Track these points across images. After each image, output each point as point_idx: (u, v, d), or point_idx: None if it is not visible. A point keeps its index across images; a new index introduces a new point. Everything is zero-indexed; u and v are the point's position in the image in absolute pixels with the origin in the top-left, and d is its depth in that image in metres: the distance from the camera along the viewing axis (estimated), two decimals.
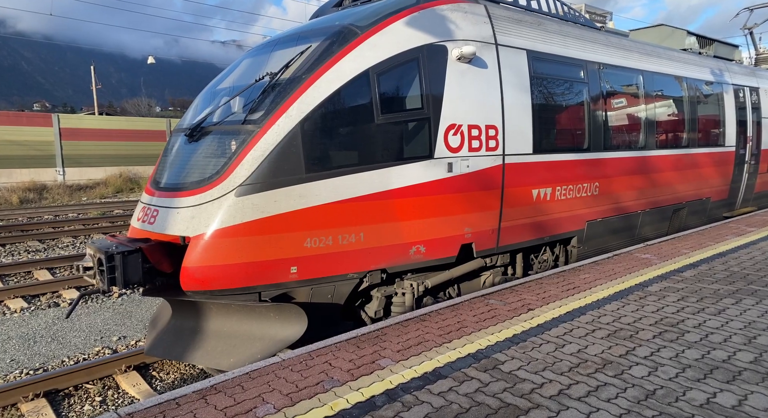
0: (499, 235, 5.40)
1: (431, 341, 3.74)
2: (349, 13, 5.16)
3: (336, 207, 4.19)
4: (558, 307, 4.46)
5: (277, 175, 3.98)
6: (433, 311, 4.43)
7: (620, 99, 7.12)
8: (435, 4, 4.99)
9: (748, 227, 7.91)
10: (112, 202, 17.54)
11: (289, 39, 5.12)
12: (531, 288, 5.08)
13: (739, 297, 4.52)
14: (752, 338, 3.57)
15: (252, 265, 3.96)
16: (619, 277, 5.38)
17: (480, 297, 4.82)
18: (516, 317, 4.23)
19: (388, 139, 4.53)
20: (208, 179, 4.03)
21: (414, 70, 4.67)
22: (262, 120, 4.08)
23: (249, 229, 3.91)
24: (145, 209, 4.39)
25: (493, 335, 3.84)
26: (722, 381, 2.95)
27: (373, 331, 3.96)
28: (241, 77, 5.11)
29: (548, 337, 3.76)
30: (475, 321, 4.16)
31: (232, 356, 4.08)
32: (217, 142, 4.31)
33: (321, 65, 4.27)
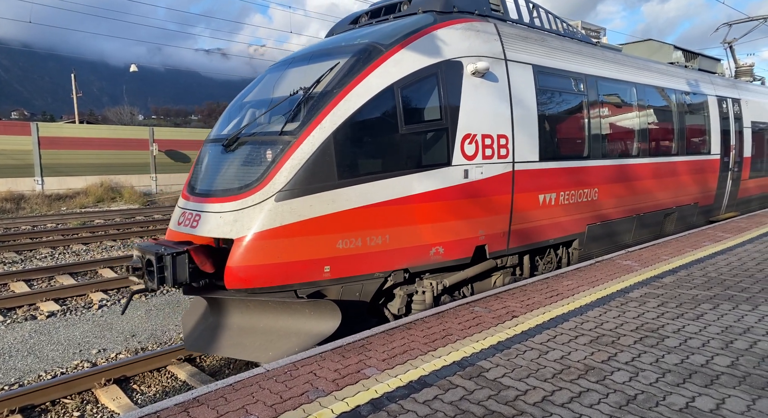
0: (509, 237, 5.71)
1: (416, 349, 3.74)
2: (370, 31, 5.48)
3: (364, 211, 4.48)
4: (542, 313, 4.50)
5: (312, 181, 4.29)
6: (419, 320, 4.44)
7: (616, 110, 7.53)
8: (451, 23, 5.35)
9: (725, 234, 8.11)
10: (92, 212, 17.22)
11: (313, 55, 5.44)
12: (515, 295, 5.13)
13: (716, 302, 4.62)
14: (729, 343, 3.65)
15: (290, 264, 4.24)
16: (602, 283, 5.46)
17: (465, 305, 4.85)
18: (500, 324, 4.26)
19: (411, 148, 4.87)
20: (249, 186, 4.31)
21: (433, 85, 5.01)
22: (299, 131, 4.38)
23: (287, 231, 4.20)
24: (186, 214, 4.62)
25: (477, 342, 3.85)
26: (701, 385, 3.00)
27: (359, 340, 3.95)
28: (270, 91, 5.41)
29: (532, 344, 3.80)
30: (460, 329, 4.17)
31: (270, 350, 4.30)
32: (255, 152, 4.60)
33: (350, 80, 4.59)
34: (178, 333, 6.16)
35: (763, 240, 7.50)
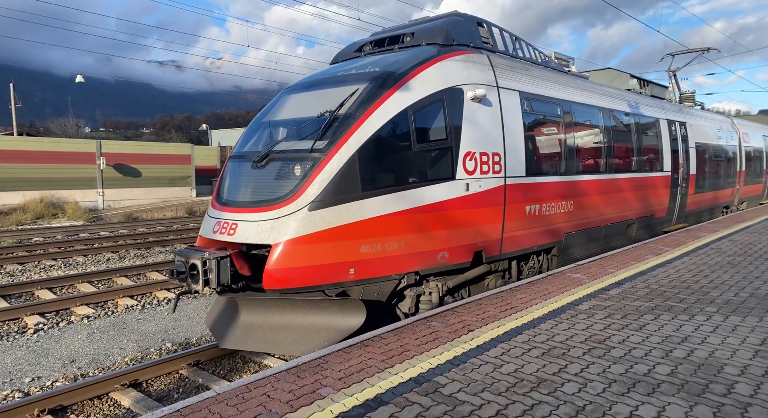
0: (501, 244, 6.38)
1: (374, 366, 3.71)
2: (379, 59, 6.12)
3: (383, 219, 5.04)
4: (496, 327, 4.58)
5: (340, 193, 4.81)
6: (377, 336, 4.41)
7: (587, 131, 8.43)
8: (452, 55, 6.03)
9: (665, 247, 8.60)
10: (30, 230, 16.16)
11: (330, 81, 5.99)
12: (471, 309, 5.20)
13: (657, 313, 4.87)
14: (669, 352, 3.85)
15: (320, 267, 4.74)
16: (553, 296, 5.63)
17: (422, 320, 4.87)
18: (457, 339, 4.30)
19: (422, 164, 5.48)
20: (284, 197, 4.79)
21: (440, 109, 5.64)
22: (327, 149, 4.89)
23: (319, 237, 4.70)
24: (222, 223, 5.02)
25: (434, 357, 3.87)
26: (643, 394, 3.14)
27: (315, 359, 3.88)
28: (290, 112, 6.01)
29: (487, 357, 3.85)
30: (418, 344, 4.18)
31: (301, 345, 4.78)
32: (288, 167, 5.08)
33: (371, 105, 5.17)
34: (123, 357, 5.83)
35: (698, 253, 8.00)
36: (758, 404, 2.96)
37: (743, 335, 4.17)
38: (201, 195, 26.39)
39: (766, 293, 5.49)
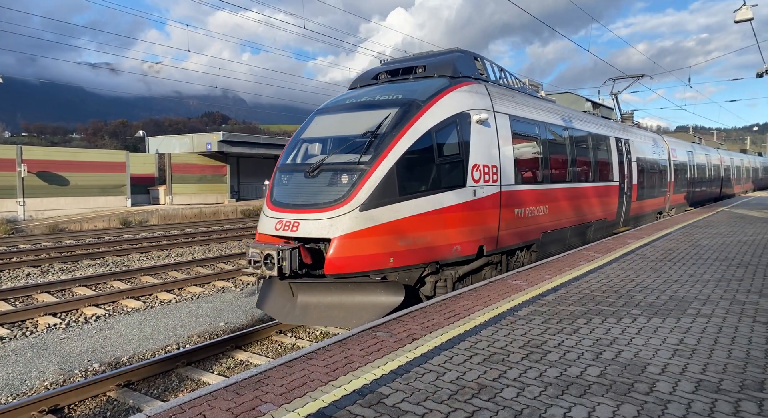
0: (498, 240, 7.62)
1: (317, 380, 3.64)
2: (398, 88, 7.27)
3: (414, 218, 6.22)
4: (440, 335, 4.65)
5: (383, 197, 5.94)
6: (320, 348, 4.34)
7: (558, 147, 9.94)
8: (461, 86, 7.31)
9: (596, 254, 9.12)
10: None
11: (361, 105, 7.13)
12: (416, 318, 5.25)
13: (589, 317, 5.14)
14: (599, 354, 4.07)
15: (369, 256, 5.84)
16: (494, 303, 5.80)
17: (368, 330, 4.85)
18: (401, 348, 4.31)
19: (442, 174, 6.64)
20: (339, 200, 5.85)
21: (454, 129, 6.86)
22: (372, 162, 6.03)
23: (367, 232, 5.80)
24: (283, 222, 6.04)
25: (379, 368, 3.86)
26: (576, 396, 3.29)
27: (255, 374, 3.75)
28: (327, 131, 7.16)
29: (430, 366, 3.89)
30: (362, 355, 4.16)
31: (353, 319, 5.78)
32: (339, 176, 6.12)
33: (403, 126, 6.35)
34: (42, 381, 5.36)
35: (625, 259, 8.55)
36: (676, 400, 3.18)
37: (664, 335, 4.49)
38: (138, 204, 25.01)
39: (683, 295, 5.95)
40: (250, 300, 8.62)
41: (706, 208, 20.36)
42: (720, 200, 26.12)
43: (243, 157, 31.50)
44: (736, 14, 12.24)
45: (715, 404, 3.12)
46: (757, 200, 25.27)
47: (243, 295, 8.99)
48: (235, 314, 7.86)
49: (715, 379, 3.51)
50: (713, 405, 3.11)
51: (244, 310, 8.05)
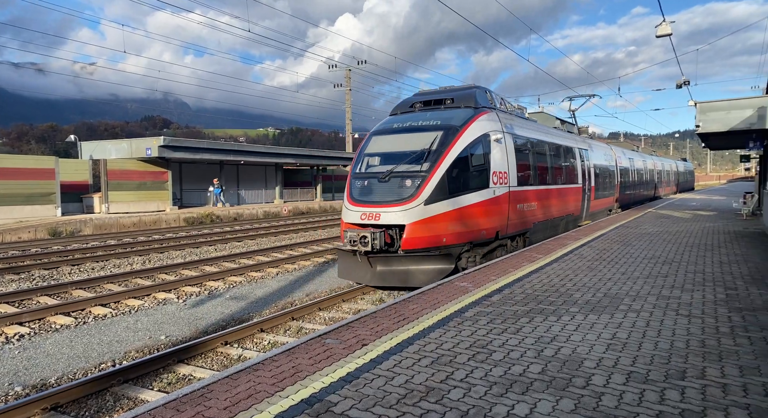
0: (507, 227, 10.32)
1: (263, 391, 3.55)
2: (435, 115, 9.90)
3: (459, 210, 8.80)
4: (390, 339, 4.67)
5: (438, 195, 8.44)
6: (268, 359, 4.24)
7: (542, 157, 12.77)
8: (483, 114, 9.96)
9: (538, 255, 9.53)
10: None
11: (410, 129, 9.66)
12: (366, 323, 5.25)
13: (532, 316, 5.35)
14: (540, 351, 4.24)
15: (430, 237, 8.36)
16: (442, 305, 5.91)
17: (316, 338, 4.79)
18: (351, 355, 4.29)
19: (474, 179, 9.26)
20: (408, 198, 8.34)
21: (480, 146, 9.46)
22: (429, 170, 8.56)
23: (429, 220, 8.30)
24: (367, 214, 8.48)
25: (327, 376, 3.82)
26: (519, 393, 3.41)
27: (198, 389, 3.60)
28: (388, 147, 9.55)
29: (379, 371, 3.90)
30: (311, 364, 4.10)
31: (423, 280, 8.33)
32: (406, 181, 8.59)
33: (448, 145, 8.89)
34: None
35: (564, 259, 8.99)
36: (609, 392, 3.37)
37: (599, 331, 4.75)
38: (69, 214, 23.38)
39: (616, 292, 6.33)
40: (194, 311, 8.27)
41: (636, 209, 21.83)
42: (653, 200, 29.15)
43: (186, 163, 30.30)
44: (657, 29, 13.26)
45: (643, 394, 3.34)
46: (679, 202, 27.39)
47: (186, 306, 8.61)
48: (177, 326, 7.51)
49: (644, 370, 3.75)
50: (642, 395, 3.32)
51: (188, 322, 7.72)
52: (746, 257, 8.86)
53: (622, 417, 3.01)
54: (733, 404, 3.15)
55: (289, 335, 7.04)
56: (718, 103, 13.50)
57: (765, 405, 3.14)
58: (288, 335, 7.04)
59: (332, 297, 8.60)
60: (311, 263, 12.60)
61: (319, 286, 10.19)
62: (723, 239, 11.54)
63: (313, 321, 7.70)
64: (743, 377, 3.57)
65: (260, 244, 16.71)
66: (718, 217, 17.50)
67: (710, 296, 6.02)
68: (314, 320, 7.73)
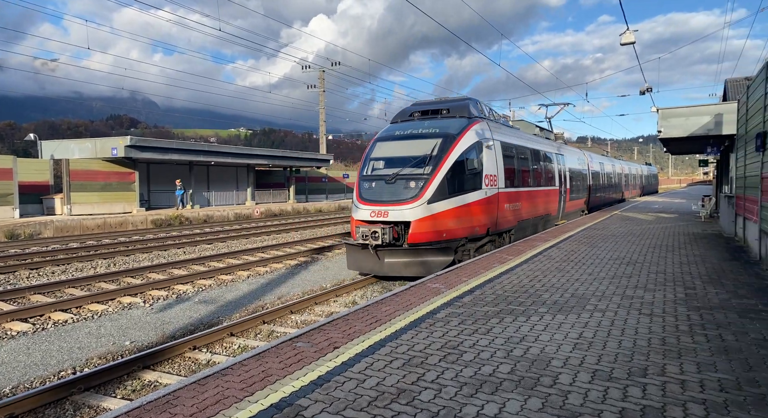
0: (496, 225, 11.48)
1: (232, 396, 3.48)
2: (433, 124, 10.97)
3: (457, 209, 9.82)
4: (362, 342, 4.66)
5: (439, 196, 9.41)
6: (236, 363, 4.16)
7: (526, 161, 13.99)
8: (475, 124, 11.07)
9: (508, 256, 9.69)
10: None
11: (411, 136, 10.75)
12: (338, 326, 5.22)
13: (502, 316, 5.43)
14: (510, 351, 4.31)
15: (432, 232, 9.33)
16: (414, 307, 5.93)
17: (287, 341, 4.74)
18: (322, 358, 4.26)
19: (469, 181, 10.28)
20: (413, 197, 9.34)
21: (474, 152, 10.53)
22: (431, 173, 9.57)
23: (431, 217, 9.30)
24: (375, 211, 9.49)
25: (298, 380, 3.78)
26: (488, 393, 3.45)
27: (163, 396, 3.50)
28: (391, 152, 10.55)
29: (351, 374, 3.88)
30: (281, 367, 4.05)
31: (424, 271, 9.34)
32: (410, 182, 9.59)
33: (447, 150, 9.91)
34: None
35: (534, 260, 9.17)
36: (575, 391, 3.46)
37: (566, 330, 4.86)
38: (28, 215, 22.40)
39: (583, 293, 6.50)
40: (161, 316, 8.05)
41: (602, 212, 22.49)
42: (620, 203, 30.86)
43: (154, 164, 29.48)
44: (621, 37, 13.72)
45: (607, 391, 3.43)
46: (643, 204, 28.37)
47: (153, 310, 8.37)
48: (143, 331, 7.29)
49: (608, 368, 3.86)
50: (606, 392, 3.41)
51: (154, 326, 7.50)
52: (704, 258, 9.25)
53: (587, 415, 3.08)
54: (691, 400, 3.27)
55: (260, 338, 6.93)
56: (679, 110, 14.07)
57: (720, 400, 3.27)
58: (259, 338, 6.93)
59: (304, 300, 8.52)
60: (283, 266, 12.45)
61: (291, 289, 10.08)
62: (683, 240, 12.01)
63: (285, 324, 7.60)
64: (700, 374, 3.72)
65: (231, 246, 16.41)
66: (678, 219, 18.22)
67: (671, 296, 6.25)
68: (286, 324, 7.64)
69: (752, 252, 9.48)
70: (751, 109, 9.87)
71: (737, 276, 7.44)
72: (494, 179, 11.21)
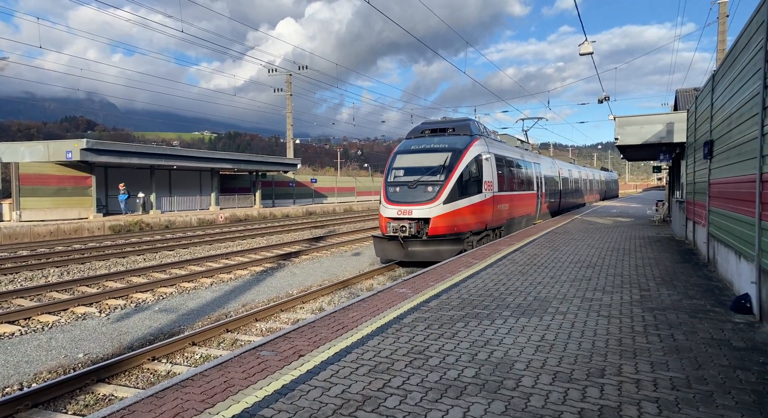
0: (491, 222, 13.83)
1: (191, 409, 3.37)
2: (443, 140, 13.43)
3: (465, 208, 12.35)
4: (327, 349, 4.61)
5: (452, 198, 11.99)
6: (197, 374, 4.04)
7: (511, 169, 16.55)
8: (476, 140, 13.43)
9: (474, 260, 9.83)
10: None
11: (427, 150, 13.18)
12: (304, 333, 5.15)
13: (467, 320, 5.50)
14: (474, 355, 4.36)
15: (446, 226, 11.89)
16: (381, 312, 5.93)
17: (251, 350, 4.64)
18: (287, 366, 4.19)
19: (473, 186, 12.75)
20: (432, 199, 11.87)
21: (476, 163, 12.87)
22: (445, 180, 12.12)
23: (446, 215, 11.86)
24: (401, 210, 11.86)
25: (261, 389, 3.70)
26: (453, 398, 3.48)
27: (117, 411, 3.35)
28: (411, 163, 12.96)
29: (316, 382, 3.83)
30: (244, 377, 3.95)
31: (443, 258, 11.32)
32: (429, 187, 12.08)
33: (457, 161, 12.42)
34: None
35: (498, 264, 9.35)
36: (537, 393, 3.53)
37: (529, 333, 4.97)
38: None
39: (545, 296, 6.66)
40: (118, 326, 7.73)
41: (564, 216, 23.20)
42: (583, 206, 33.58)
43: (113, 168, 28.37)
44: (580, 48, 14.24)
45: (567, 392, 3.52)
46: (602, 209, 29.44)
47: (109, 320, 8.03)
48: (98, 342, 6.98)
49: (568, 370, 3.96)
50: (566, 394, 3.50)
51: (110, 337, 7.19)
52: (658, 261, 9.67)
53: (548, 416, 3.15)
54: (645, 399, 3.40)
55: (223, 347, 6.75)
56: (634, 118, 14.71)
57: (672, 398, 3.42)
58: (222, 348, 6.75)
59: (270, 307, 8.37)
60: (248, 272, 12.21)
61: (256, 296, 9.88)
62: (638, 243, 12.52)
63: (249, 333, 7.44)
64: (653, 373, 3.87)
65: (194, 253, 15.96)
66: (634, 223, 18.99)
67: (627, 298, 6.50)
68: (250, 332, 7.48)
69: (701, 255, 9.98)
70: (699, 118, 10.43)
71: (688, 278, 7.81)
72: (490, 185, 13.72)
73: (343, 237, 20.02)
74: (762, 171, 5.05)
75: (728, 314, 5.62)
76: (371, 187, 55.12)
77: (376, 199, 53.68)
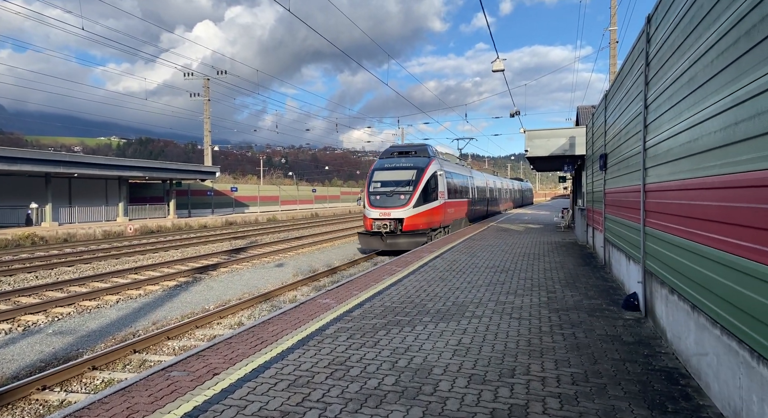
0: (444, 221, 19.14)
1: None
2: (409, 160, 18.56)
3: (428, 211, 17.55)
4: (244, 366, 4.43)
5: (418, 203, 17.12)
6: (95, 402, 3.69)
7: (455, 182, 21.36)
8: (433, 160, 18.65)
9: (397, 268, 10.00)
10: None
11: (397, 167, 18.14)
12: (219, 350, 4.91)
13: (389, 328, 5.56)
14: (395, 363, 4.42)
15: (415, 225, 16.98)
16: (303, 324, 5.81)
17: (160, 371, 4.33)
18: (199, 387, 3.96)
19: (432, 194, 17.80)
20: (404, 203, 16.96)
21: (434, 178, 18.03)
22: (413, 191, 17.18)
23: (415, 216, 16.97)
24: (382, 212, 16.90)
25: (170, 414, 3.46)
26: (373, 407, 3.49)
27: None
28: (386, 177, 17.96)
29: (231, 401, 3.66)
30: (151, 402, 3.67)
31: (413, 248, 15.67)
32: (402, 196, 17.12)
33: (420, 176, 17.51)
34: None
35: (420, 271, 9.59)
36: (453, 396, 3.65)
37: (447, 338, 5.13)
38: None
39: (462, 301, 6.94)
40: (0, 353, 6.84)
41: (480, 223, 24.42)
42: (502, 213, 38.24)
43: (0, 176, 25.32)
44: (493, 65, 15.17)
45: (481, 394, 3.68)
46: (515, 216, 31.38)
47: None
48: None
49: (482, 372, 4.15)
50: (480, 395, 3.66)
51: None
52: (563, 264, 10.47)
53: None
54: (549, 395, 3.65)
55: (129, 370, 6.23)
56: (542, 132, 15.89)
57: (572, 392, 3.70)
58: (128, 370, 6.23)
59: (184, 324, 7.88)
60: (160, 288, 11.42)
61: (169, 312, 9.26)
62: (547, 248, 13.48)
63: (160, 352, 6.95)
64: (557, 370, 4.17)
65: (97, 268, 14.63)
66: (544, 229, 20.44)
67: (536, 300, 6.95)
68: (161, 351, 6.98)
69: (599, 258, 10.97)
70: (595, 133, 11.52)
71: (588, 280, 8.54)
72: (443, 194, 18.59)
73: (266, 248, 19.43)
74: (645, 182, 5.67)
75: (620, 311, 6.21)
76: (296, 196, 54.18)
77: (302, 208, 52.83)
